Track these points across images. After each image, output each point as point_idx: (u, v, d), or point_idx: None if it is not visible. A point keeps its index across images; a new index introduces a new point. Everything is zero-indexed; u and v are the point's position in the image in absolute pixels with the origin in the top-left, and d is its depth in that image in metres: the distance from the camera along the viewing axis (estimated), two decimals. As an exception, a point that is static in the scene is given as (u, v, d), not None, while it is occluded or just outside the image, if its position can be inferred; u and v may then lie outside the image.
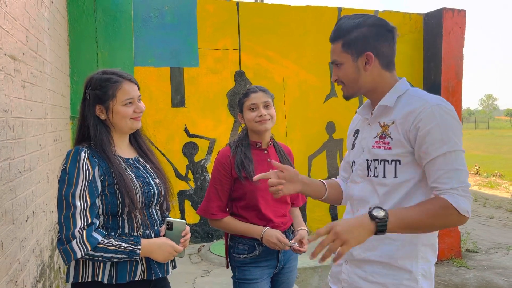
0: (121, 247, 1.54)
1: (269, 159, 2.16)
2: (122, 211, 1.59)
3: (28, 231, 2.42)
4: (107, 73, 1.67)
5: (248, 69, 4.67)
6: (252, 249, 2.11)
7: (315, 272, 3.77)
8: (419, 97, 1.47)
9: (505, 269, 4.85)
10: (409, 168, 1.46)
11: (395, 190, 1.48)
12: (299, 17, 4.79)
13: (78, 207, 1.50)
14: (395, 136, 1.47)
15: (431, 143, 1.37)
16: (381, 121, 1.54)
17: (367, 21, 1.51)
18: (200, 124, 4.52)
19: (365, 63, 1.52)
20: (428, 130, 1.38)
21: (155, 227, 1.71)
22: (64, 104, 3.77)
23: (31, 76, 2.60)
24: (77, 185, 1.51)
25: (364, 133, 1.63)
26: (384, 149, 1.50)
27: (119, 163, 1.63)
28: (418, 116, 1.40)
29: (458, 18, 5.03)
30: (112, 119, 1.66)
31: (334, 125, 4.98)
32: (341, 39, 1.54)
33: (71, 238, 1.49)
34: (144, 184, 1.67)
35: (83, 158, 1.54)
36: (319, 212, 4.95)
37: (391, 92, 1.54)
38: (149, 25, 4.33)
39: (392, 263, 1.49)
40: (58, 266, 3.24)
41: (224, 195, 2.12)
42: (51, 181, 3.13)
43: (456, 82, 5.08)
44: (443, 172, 1.36)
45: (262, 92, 2.13)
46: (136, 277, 1.61)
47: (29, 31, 2.58)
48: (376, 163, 1.53)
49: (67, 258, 1.50)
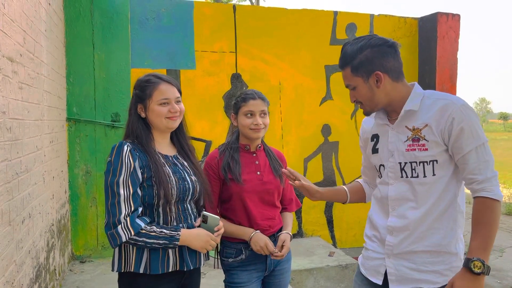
0: (162, 233, 1.67)
1: (257, 161, 2.17)
2: (157, 203, 1.72)
3: (24, 232, 2.42)
4: (148, 76, 1.84)
5: (244, 72, 4.69)
6: (239, 253, 2.12)
7: (310, 274, 3.79)
8: (442, 98, 1.63)
9: (499, 271, 4.89)
10: (445, 165, 1.62)
11: (434, 187, 1.64)
12: (295, 20, 4.82)
13: (122, 195, 1.65)
14: (430, 138, 1.61)
15: (463, 140, 1.55)
16: (409, 125, 1.67)
17: (368, 43, 1.65)
18: (196, 126, 4.53)
19: (376, 81, 1.65)
20: (461, 128, 1.55)
21: (189, 221, 1.82)
22: (60, 106, 3.77)
23: (28, 77, 2.60)
24: (120, 175, 1.66)
25: (391, 138, 1.74)
26: (420, 151, 1.63)
27: (158, 158, 1.76)
28: (451, 115, 1.57)
29: (453, 22, 5.08)
30: (149, 117, 1.80)
31: (329, 128, 5.01)
32: (348, 65, 1.68)
33: (117, 223, 1.63)
34: (180, 179, 1.79)
35: (126, 151, 1.69)
36: (315, 214, 4.97)
37: (412, 97, 1.67)
38: (146, 27, 4.34)
39: (441, 249, 1.65)
40: (53, 268, 3.23)
41: (213, 196, 2.11)
42: (47, 182, 3.13)
43: (450, 85, 5.12)
44: (477, 165, 1.56)
45: (260, 100, 2.13)
46: (170, 268, 1.74)
47: (27, 32, 2.58)
48: (414, 164, 1.66)
49: (114, 242, 1.64)
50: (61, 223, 3.66)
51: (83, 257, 4.14)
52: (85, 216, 4.14)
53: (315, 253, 4.20)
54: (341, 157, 5.04)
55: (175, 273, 1.77)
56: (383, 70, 1.64)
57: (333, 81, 4.98)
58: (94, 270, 3.84)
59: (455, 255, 1.67)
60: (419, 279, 1.66)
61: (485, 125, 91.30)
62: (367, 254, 1.84)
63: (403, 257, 1.69)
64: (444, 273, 1.65)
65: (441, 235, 1.65)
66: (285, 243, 2.11)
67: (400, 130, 1.69)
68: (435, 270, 1.65)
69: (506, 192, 9.56)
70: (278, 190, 2.20)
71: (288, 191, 2.29)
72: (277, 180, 2.18)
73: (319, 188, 1.96)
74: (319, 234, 4.96)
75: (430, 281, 1.65)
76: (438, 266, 1.65)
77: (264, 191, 2.14)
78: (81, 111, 4.09)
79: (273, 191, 2.17)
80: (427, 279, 1.65)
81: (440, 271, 1.65)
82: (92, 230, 4.17)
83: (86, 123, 4.09)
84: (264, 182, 2.14)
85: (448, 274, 1.64)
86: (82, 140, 4.10)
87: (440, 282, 1.65)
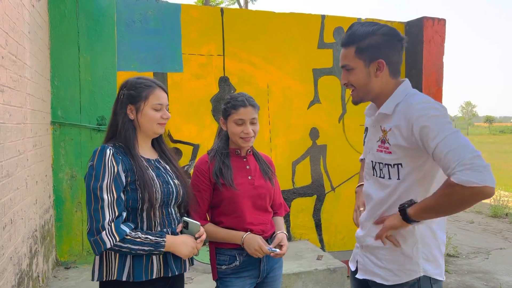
0: (147, 239, 1.64)
1: (248, 166, 2.15)
2: (142, 207, 1.69)
3: (5, 238, 2.36)
4: (144, 78, 1.82)
5: (232, 75, 4.67)
6: (233, 259, 2.09)
7: (298, 278, 3.77)
8: (409, 102, 1.58)
9: (485, 273, 4.93)
10: (411, 170, 1.59)
11: (397, 190, 1.63)
12: (283, 23, 4.82)
13: (106, 200, 1.60)
14: (393, 142, 1.59)
15: (428, 138, 1.48)
16: (382, 126, 1.67)
17: (381, 29, 1.62)
18: (183, 130, 4.49)
19: (376, 69, 1.62)
20: (421, 127, 1.49)
21: (173, 225, 1.80)
22: (44, 109, 3.70)
23: (10, 80, 2.54)
24: (104, 179, 1.61)
25: (370, 134, 1.77)
26: (385, 153, 1.63)
27: (141, 161, 1.74)
28: (411, 118, 1.52)
29: (438, 27, 5.13)
30: (140, 120, 1.77)
31: (317, 131, 5.01)
32: (354, 45, 1.63)
33: (100, 230, 1.58)
34: (164, 183, 1.77)
35: (108, 155, 1.65)
36: (303, 218, 4.96)
37: (390, 99, 1.65)
38: (132, 29, 4.29)
39: (395, 249, 1.66)
40: (36, 274, 3.16)
41: (204, 202, 2.09)
42: (30, 187, 3.06)
43: (436, 89, 5.17)
44: (444, 158, 1.43)
45: (251, 108, 2.09)
46: (154, 275, 1.71)
47: (9, 34, 2.53)
48: (381, 165, 1.67)
49: (97, 248, 1.59)
50: (45, 228, 3.59)
51: (67, 263, 4.06)
52: (70, 221, 4.07)
53: (303, 256, 4.18)
54: (329, 160, 5.05)
55: (159, 280, 1.74)
56: (386, 61, 1.62)
57: (321, 84, 4.98)
58: (79, 276, 3.77)
59: (409, 257, 1.64)
60: (376, 273, 1.72)
61: (470, 128, 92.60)
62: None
63: (368, 251, 1.76)
64: (396, 273, 1.67)
65: (396, 235, 1.65)
66: (283, 241, 2.09)
67: (376, 129, 1.71)
68: (389, 268, 1.68)
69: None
70: (269, 194, 2.18)
71: (277, 195, 2.27)
72: (268, 184, 2.16)
73: (361, 199, 1.95)
74: (307, 237, 4.95)
75: (383, 277, 1.70)
76: (392, 265, 1.68)
77: (256, 195, 2.12)
78: (66, 115, 4.02)
79: (265, 195, 2.15)
80: (380, 275, 1.70)
81: (393, 270, 1.67)
82: (77, 236, 4.09)
83: (71, 126, 4.03)
84: (256, 187, 2.12)
85: (400, 275, 1.66)
86: (67, 144, 4.03)
87: (391, 280, 1.67)
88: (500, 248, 5.94)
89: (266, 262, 2.14)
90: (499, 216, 8.10)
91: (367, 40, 1.60)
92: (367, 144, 1.80)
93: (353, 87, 1.68)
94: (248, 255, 2.07)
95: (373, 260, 1.73)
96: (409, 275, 1.64)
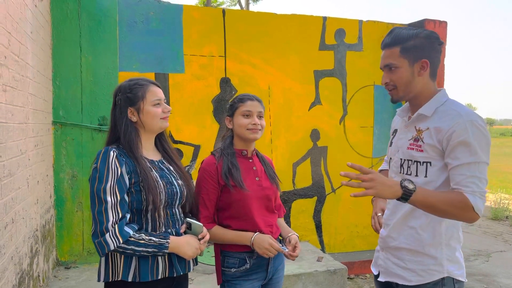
0: (151, 241, 1.65)
1: (254, 167, 2.14)
2: (146, 208, 1.70)
3: (7, 238, 2.36)
4: (134, 79, 1.82)
5: (233, 76, 4.68)
6: (243, 262, 2.05)
7: (298, 279, 3.77)
8: (456, 110, 1.65)
9: (485, 276, 4.93)
10: (439, 170, 1.66)
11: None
12: (285, 25, 4.83)
13: (109, 202, 1.61)
14: (427, 141, 1.67)
15: (459, 152, 1.58)
16: (417, 126, 1.74)
17: (423, 32, 1.71)
18: (184, 131, 4.50)
19: (420, 69, 1.70)
20: (460, 142, 1.57)
21: (177, 226, 1.81)
22: (46, 109, 3.71)
23: (12, 80, 2.55)
24: (107, 181, 1.62)
25: (401, 134, 1.84)
26: (417, 151, 1.70)
27: (145, 163, 1.74)
28: (453, 127, 1.59)
29: (440, 29, 5.14)
30: (143, 119, 1.78)
31: (318, 133, 5.01)
32: (399, 45, 1.71)
33: (104, 232, 1.59)
34: (168, 184, 1.78)
35: (112, 157, 1.66)
36: (303, 219, 4.96)
37: (431, 102, 1.72)
38: (134, 30, 4.30)
39: (419, 250, 1.70)
40: (37, 274, 3.16)
41: (211, 204, 2.05)
42: (32, 187, 3.07)
43: (437, 91, 5.17)
44: (466, 177, 1.56)
45: (258, 102, 2.12)
46: (159, 275, 1.71)
47: (12, 34, 2.54)
48: (410, 162, 1.74)
49: (101, 250, 1.60)
50: (46, 228, 3.60)
51: (68, 263, 4.07)
52: (71, 221, 4.07)
53: (303, 258, 4.18)
54: (329, 162, 5.05)
55: (164, 280, 1.75)
56: (430, 61, 1.70)
57: (322, 86, 4.99)
58: (79, 276, 3.77)
59: (433, 258, 1.69)
60: (399, 274, 1.75)
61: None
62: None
63: (390, 252, 1.80)
64: (420, 273, 1.70)
65: (421, 236, 1.70)
66: (297, 244, 2.10)
67: (410, 129, 1.77)
68: (412, 268, 1.71)
69: (492, 197, 9.67)
70: (275, 195, 2.18)
71: (277, 197, 2.27)
72: (273, 186, 2.16)
73: (380, 205, 2.02)
74: (307, 239, 4.95)
75: (406, 278, 1.73)
76: (415, 265, 1.71)
77: (264, 197, 2.10)
78: (68, 115, 4.03)
79: (271, 197, 2.14)
80: (403, 276, 1.73)
81: (416, 270, 1.71)
82: (78, 236, 4.10)
83: (72, 126, 4.04)
84: (263, 188, 2.11)
85: (423, 275, 1.69)
86: (68, 144, 4.03)
87: (413, 280, 1.71)
88: (500, 251, 5.94)
89: (272, 263, 2.13)
90: (499, 218, 8.09)
91: (411, 41, 1.69)
92: (396, 143, 1.85)
93: (394, 87, 1.75)
94: (258, 257, 2.05)
95: (395, 261, 1.77)
96: (433, 275, 1.68)
